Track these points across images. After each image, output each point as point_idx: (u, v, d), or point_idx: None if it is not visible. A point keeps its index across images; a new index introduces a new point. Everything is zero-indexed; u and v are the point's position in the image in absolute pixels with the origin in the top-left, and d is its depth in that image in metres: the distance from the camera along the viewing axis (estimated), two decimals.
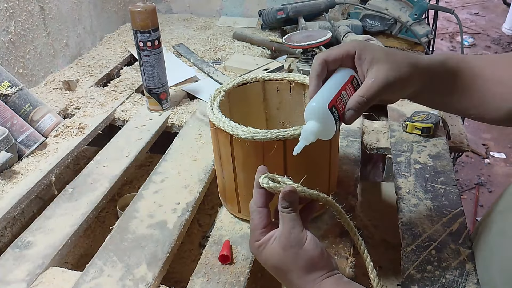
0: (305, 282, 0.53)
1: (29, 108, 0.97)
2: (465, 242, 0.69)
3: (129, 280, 0.65)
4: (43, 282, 0.66)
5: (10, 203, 0.79)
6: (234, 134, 0.63)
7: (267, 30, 1.53)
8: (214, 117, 0.67)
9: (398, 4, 1.39)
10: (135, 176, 1.22)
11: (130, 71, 1.28)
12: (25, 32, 1.14)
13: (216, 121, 0.66)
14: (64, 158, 0.92)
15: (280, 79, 0.78)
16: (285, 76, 0.78)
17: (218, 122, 0.65)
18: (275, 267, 0.54)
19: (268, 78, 0.79)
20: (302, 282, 0.53)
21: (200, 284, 0.64)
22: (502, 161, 2.39)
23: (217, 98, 0.72)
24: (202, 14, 1.75)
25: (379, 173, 1.44)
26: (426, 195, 0.78)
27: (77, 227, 0.75)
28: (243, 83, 0.78)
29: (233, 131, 0.63)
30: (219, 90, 0.74)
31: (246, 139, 0.62)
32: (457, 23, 1.33)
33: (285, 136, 0.62)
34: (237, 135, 0.63)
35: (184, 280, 0.67)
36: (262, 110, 0.83)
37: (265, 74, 0.79)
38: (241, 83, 0.77)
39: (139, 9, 0.94)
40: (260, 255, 0.55)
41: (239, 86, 0.77)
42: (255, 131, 0.62)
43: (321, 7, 1.43)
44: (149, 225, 0.74)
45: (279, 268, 0.54)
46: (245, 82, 0.78)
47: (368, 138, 0.96)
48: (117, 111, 1.08)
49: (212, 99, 0.72)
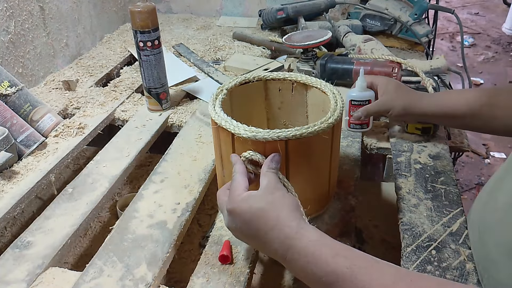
0: (294, 218, 0.53)
1: (29, 108, 0.97)
2: (465, 242, 0.69)
3: (129, 280, 0.65)
4: (43, 282, 0.66)
5: (10, 203, 0.79)
6: (236, 133, 0.63)
7: (267, 30, 1.53)
8: (216, 116, 0.66)
9: (398, 4, 1.39)
10: (135, 176, 1.22)
11: (130, 71, 1.28)
12: (25, 32, 1.14)
13: (218, 120, 0.66)
14: (64, 158, 0.92)
15: (283, 79, 0.78)
16: (287, 76, 0.78)
17: (220, 121, 0.65)
18: (262, 210, 0.54)
19: (271, 77, 0.79)
20: (291, 219, 0.53)
21: (200, 284, 0.64)
22: (503, 161, 2.38)
23: (219, 96, 0.72)
24: (202, 14, 1.75)
25: (379, 173, 1.45)
26: (426, 195, 0.78)
27: (77, 227, 0.75)
28: (245, 82, 0.78)
29: (235, 130, 0.63)
30: (221, 89, 0.74)
31: (248, 138, 0.62)
32: (457, 23, 1.33)
33: (287, 136, 0.62)
34: (239, 134, 0.63)
35: (184, 280, 0.67)
36: (264, 110, 0.83)
37: (268, 74, 0.79)
38: (243, 82, 0.77)
39: (139, 9, 0.94)
40: (244, 202, 0.55)
41: (241, 85, 0.77)
42: (257, 130, 0.62)
43: (321, 7, 1.43)
44: (149, 225, 0.74)
45: (266, 211, 0.54)
46: (248, 81, 0.78)
47: (368, 138, 0.96)
48: (117, 111, 1.08)
49: (214, 97, 0.72)
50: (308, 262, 0.49)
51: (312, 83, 0.75)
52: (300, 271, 0.51)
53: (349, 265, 0.47)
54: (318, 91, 0.75)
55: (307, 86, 0.76)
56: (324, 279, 0.48)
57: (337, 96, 0.71)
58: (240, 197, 0.56)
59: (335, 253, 0.49)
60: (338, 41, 1.35)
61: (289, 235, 0.52)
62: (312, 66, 1.15)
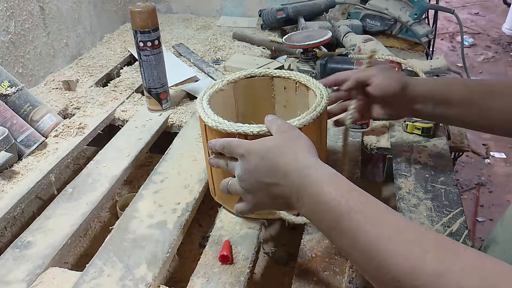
0: (311, 155, 0.53)
1: (29, 108, 0.97)
2: (465, 242, 0.69)
3: (129, 280, 0.65)
4: (43, 282, 0.66)
5: (10, 203, 0.79)
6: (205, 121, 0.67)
7: (267, 30, 1.53)
8: (202, 111, 0.69)
9: (398, 4, 1.39)
10: (135, 176, 1.22)
11: (130, 71, 1.28)
12: (25, 32, 1.14)
13: (201, 113, 0.68)
14: (64, 158, 0.92)
15: (288, 78, 0.79)
16: (292, 75, 0.78)
17: (202, 113, 0.68)
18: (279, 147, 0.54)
19: (277, 74, 0.79)
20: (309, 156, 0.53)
21: (200, 284, 0.64)
22: (503, 161, 2.39)
23: (209, 91, 0.75)
24: (202, 14, 1.75)
25: (379, 173, 1.44)
26: (426, 195, 0.78)
27: (77, 227, 0.75)
28: (251, 76, 0.78)
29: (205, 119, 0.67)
30: (223, 80, 0.77)
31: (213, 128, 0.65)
32: (457, 23, 1.33)
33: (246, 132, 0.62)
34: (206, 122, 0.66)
35: (184, 280, 0.67)
36: (270, 106, 0.83)
37: (274, 70, 0.80)
38: (249, 76, 0.78)
39: (139, 9, 0.94)
40: (259, 143, 0.55)
41: (246, 79, 0.78)
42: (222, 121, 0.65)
43: (321, 7, 1.43)
44: (149, 225, 0.74)
45: (283, 147, 0.54)
46: (254, 75, 0.78)
47: (368, 138, 0.96)
48: (117, 111, 1.08)
49: (202, 94, 0.75)
50: (323, 191, 0.48)
51: (310, 86, 0.75)
52: (313, 202, 0.49)
53: (364, 200, 0.47)
54: (313, 93, 0.75)
55: (309, 88, 0.76)
56: (337, 209, 0.47)
57: (321, 97, 0.71)
58: (251, 141, 0.56)
59: (351, 188, 0.49)
60: (338, 41, 1.35)
61: (307, 165, 0.51)
62: (312, 66, 1.15)
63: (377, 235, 0.43)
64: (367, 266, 0.44)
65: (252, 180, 0.56)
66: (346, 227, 0.46)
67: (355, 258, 0.46)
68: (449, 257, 0.40)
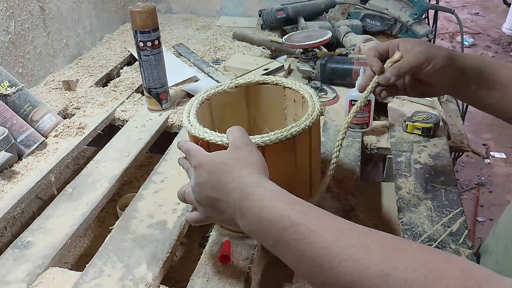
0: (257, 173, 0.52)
1: (29, 108, 0.97)
2: (465, 242, 0.69)
3: (129, 280, 0.65)
4: (43, 282, 0.66)
5: (10, 203, 0.79)
6: (188, 129, 0.66)
7: (267, 30, 1.53)
8: (188, 125, 0.67)
9: (398, 4, 1.39)
10: (135, 176, 1.22)
11: (130, 71, 1.28)
12: (25, 32, 1.14)
13: (190, 128, 0.66)
14: (64, 158, 0.92)
15: (296, 91, 0.75)
16: (301, 89, 0.74)
17: (192, 130, 0.66)
18: (225, 164, 0.53)
19: (288, 85, 0.76)
20: (254, 173, 0.51)
21: (200, 284, 0.64)
22: (503, 161, 2.39)
23: (200, 97, 0.75)
24: (202, 14, 1.75)
25: (379, 173, 1.44)
26: (426, 195, 0.78)
27: (77, 227, 0.75)
28: (264, 83, 0.77)
29: (187, 127, 0.67)
30: (231, 82, 0.76)
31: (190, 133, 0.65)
32: (457, 23, 1.33)
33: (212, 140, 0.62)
34: (187, 128, 0.67)
35: (184, 280, 0.67)
36: (282, 117, 0.81)
37: (286, 80, 0.77)
38: (262, 82, 0.77)
39: (139, 9, 0.94)
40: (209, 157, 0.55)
41: (259, 84, 0.78)
42: (195, 127, 0.65)
43: (321, 7, 1.43)
44: (149, 225, 0.74)
45: (229, 165, 0.52)
46: (266, 82, 0.77)
47: (368, 138, 0.96)
48: (117, 111, 1.08)
49: (202, 94, 0.74)
50: (265, 208, 0.47)
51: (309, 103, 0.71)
52: (255, 220, 0.48)
53: (306, 211, 0.46)
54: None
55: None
56: (279, 224, 0.46)
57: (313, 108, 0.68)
58: (205, 153, 0.56)
59: (292, 201, 0.48)
60: (338, 41, 1.35)
61: (249, 183, 0.50)
62: (312, 66, 1.15)
63: (322, 244, 0.43)
64: (317, 276, 0.43)
65: (202, 193, 0.55)
66: (291, 240, 0.45)
67: (304, 270, 0.45)
68: (394, 254, 0.40)
